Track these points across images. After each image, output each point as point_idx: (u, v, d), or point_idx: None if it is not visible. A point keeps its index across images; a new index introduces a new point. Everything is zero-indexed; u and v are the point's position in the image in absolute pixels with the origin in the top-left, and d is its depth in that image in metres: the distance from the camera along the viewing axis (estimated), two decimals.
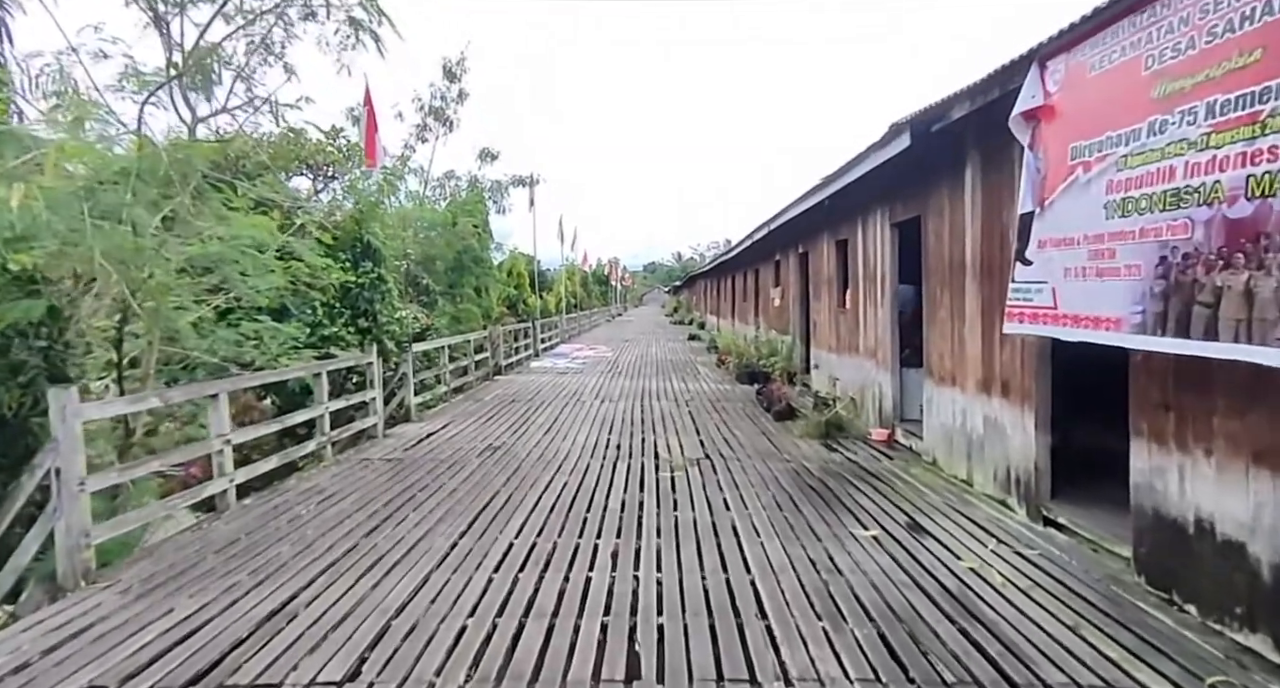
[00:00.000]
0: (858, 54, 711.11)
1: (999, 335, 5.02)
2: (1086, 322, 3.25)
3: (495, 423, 8.89)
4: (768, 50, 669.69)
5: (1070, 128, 3.33)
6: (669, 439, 7.74)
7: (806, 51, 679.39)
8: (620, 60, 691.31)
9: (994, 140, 4.99)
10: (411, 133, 17.96)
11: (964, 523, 4.68)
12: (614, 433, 8.16)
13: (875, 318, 7.98)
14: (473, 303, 18.97)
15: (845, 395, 8.70)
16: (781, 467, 6.37)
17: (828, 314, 10.35)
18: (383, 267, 11.19)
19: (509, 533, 4.58)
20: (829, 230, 10.04)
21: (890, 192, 7.29)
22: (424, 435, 7.99)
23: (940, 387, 6.15)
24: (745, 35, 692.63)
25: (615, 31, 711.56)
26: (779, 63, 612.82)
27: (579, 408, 10.05)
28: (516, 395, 11.47)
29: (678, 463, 6.50)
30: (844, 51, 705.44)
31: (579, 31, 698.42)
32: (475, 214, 18.97)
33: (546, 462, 6.67)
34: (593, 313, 42.67)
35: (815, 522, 4.75)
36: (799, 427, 8.14)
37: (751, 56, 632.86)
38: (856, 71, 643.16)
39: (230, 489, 5.03)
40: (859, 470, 6.22)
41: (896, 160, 6.05)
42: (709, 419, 9.00)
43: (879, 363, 7.86)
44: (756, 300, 18.17)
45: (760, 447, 7.27)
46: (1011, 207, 4.80)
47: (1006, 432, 4.95)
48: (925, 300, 6.48)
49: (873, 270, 8.04)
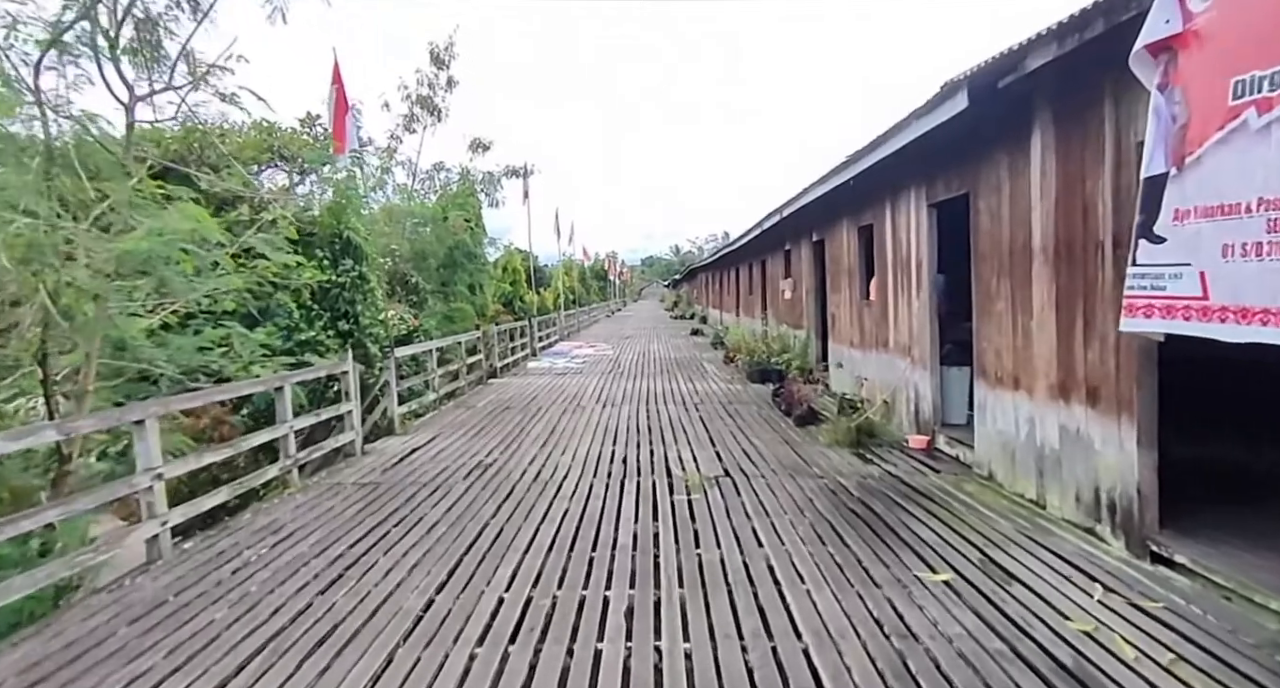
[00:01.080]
0: (855, 49, 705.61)
1: (1082, 331, 4.19)
2: (1261, 316, 2.42)
3: (487, 435, 8.06)
4: (765, 43, 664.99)
5: (1230, 56, 2.49)
6: (681, 451, 6.91)
7: (805, 44, 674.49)
8: (617, 54, 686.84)
9: (1076, 94, 4.14)
10: (398, 123, 17.07)
11: (1050, 559, 3.86)
12: (619, 444, 7.33)
13: (909, 310, 7.15)
14: (466, 301, 18.13)
15: (874, 397, 7.86)
16: (814, 485, 5.55)
17: (849, 307, 9.51)
18: (365, 264, 10.35)
19: (498, 584, 3.76)
20: (850, 215, 9.18)
21: (928, 168, 6.44)
22: (407, 452, 7.16)
23: (997, 390, 5.31)
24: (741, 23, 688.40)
25: (611, 20, 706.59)
26: (775, 61, 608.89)
27: (579, 415, 9.22)
28: (512, 401, 10.63)
29: (694, 482, 5.68)
30: (845, 44, 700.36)
31: (573, 20, 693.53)
32: (467, 207, 18.10)
33: (544, 483, 5.84)
34: (591, 309, 41.82)
35: (869, 561, 3.92)
36: (825, 433, 7.31)
37: (748, 52, 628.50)
38: (856, 73, 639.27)
39: (163, 534, 4.19)
40: (904, 488, 5.39)
41: (940, 130, 5.21)
42: (723, 425, 8.17)
43: (914, 361, 7.02)
44: (764, 293, 17.32)
45: (785, 459, 6.44)
46: (1098, 175, 3.95)
47: (1094, 446, 4.12)
48: (976, 291, 5.64)
49: (905, 257, 7.20)
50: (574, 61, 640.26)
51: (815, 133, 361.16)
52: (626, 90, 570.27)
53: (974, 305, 5.69)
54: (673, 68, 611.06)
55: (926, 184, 6.56)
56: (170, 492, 4.47)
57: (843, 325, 9.83)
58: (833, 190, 8.67)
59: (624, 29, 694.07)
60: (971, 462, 5.82)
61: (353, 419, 6.90)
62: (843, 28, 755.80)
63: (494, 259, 24.60)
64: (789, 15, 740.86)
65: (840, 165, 7.64)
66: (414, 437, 7.97)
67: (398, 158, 17.60)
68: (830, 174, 8.16)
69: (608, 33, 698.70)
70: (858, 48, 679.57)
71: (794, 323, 13.23)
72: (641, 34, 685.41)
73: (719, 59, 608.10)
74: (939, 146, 6.01)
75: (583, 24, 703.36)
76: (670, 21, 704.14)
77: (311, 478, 6.24)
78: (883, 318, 8.01)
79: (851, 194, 8.62)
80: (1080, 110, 4.12)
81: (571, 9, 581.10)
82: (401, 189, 17.76)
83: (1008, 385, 5.16)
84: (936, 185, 6.35)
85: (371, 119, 46.34)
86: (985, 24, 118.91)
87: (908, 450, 6.71)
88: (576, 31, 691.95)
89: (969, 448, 5.94)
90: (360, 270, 10.17)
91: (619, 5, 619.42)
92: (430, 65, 16.68)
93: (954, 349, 6.83)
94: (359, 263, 10.20)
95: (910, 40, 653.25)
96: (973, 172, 5.59)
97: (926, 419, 6.80)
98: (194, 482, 6.75)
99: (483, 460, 6.72)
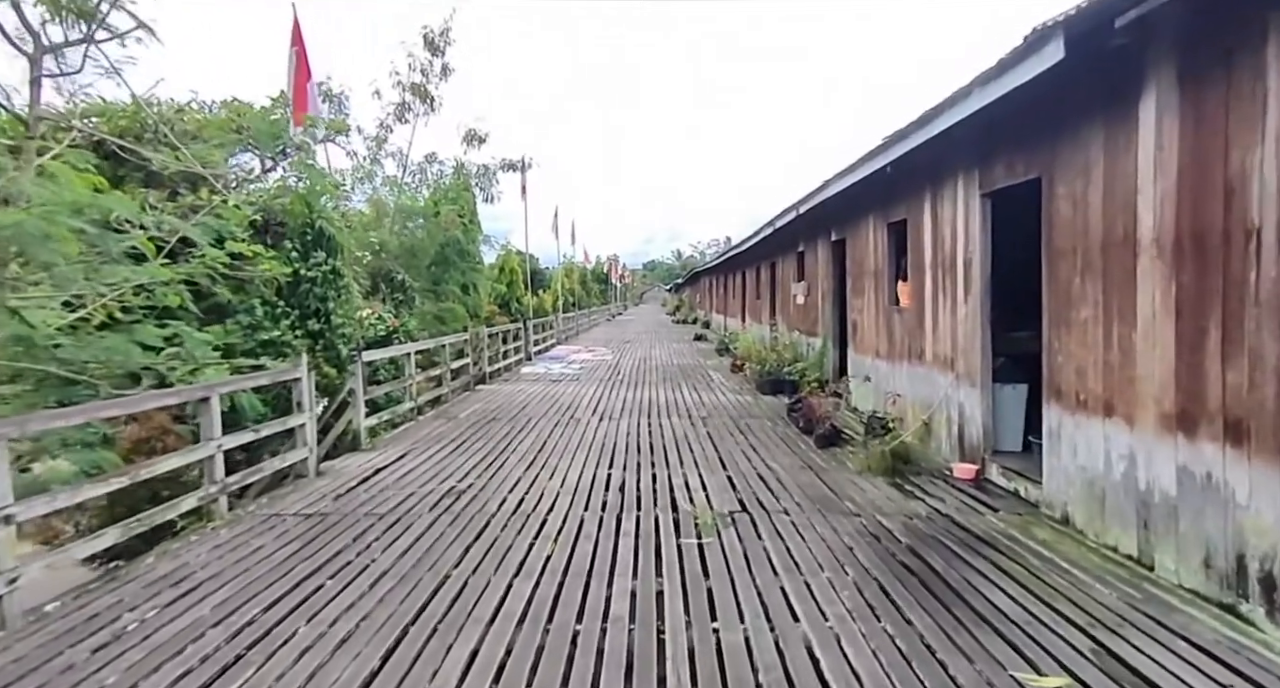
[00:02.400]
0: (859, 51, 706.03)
1: (1219, 346, 3.22)
2: None
3: (466, 451, 7.08)
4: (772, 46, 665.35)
5: None
6: (688, 476, 5.94)
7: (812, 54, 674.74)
8: (616, 56, 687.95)
9: (1216, 39, 3.18)
10: (389, 112, 16.15)
11: (1186, 652, 2.88)
12: (616, 466, 6.36)
13: (951, 318, 6.18)
14: (458, 301, 17.18)
15: (909, 417, 6.89)
16: (851, 526, 4.57)
17: (874, 313, 8.55)
18: (339, 257, 9.38)
19: (448, 677, 2.78)
20: (878, 210, 8.23)
21: (984, 150, 5.49)
22: (369, 472, 6.18)
23: (1078, 416, 4.34)
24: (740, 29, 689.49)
25: (611, 20, 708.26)
26: (775, 62, 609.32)
27: (572, 429, 8.25)
28: (499, 411, 9.66)
29: (705, 521, 4.70)
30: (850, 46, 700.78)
31: (572, 20, 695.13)
32: (460, 202, 17.15)
33: (524, 517, 4.87)
34: (591, 312, 40.87)
35: (944, 648, 2.94)
36: (854, 459, 6.33)
37: (748, 53, 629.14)
38: (856, 73, 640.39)
39: (8, 596, 3.19)
40: (961, 533, 4.42)
41: (1007, 101, 4.27)
42: (735, 445, 7.20)
43: (959, 376, 6.05)
44: (773, 297, 16.36)
45: (811, 489, 5.47)
46: (1252, 143, 3.00)
47: (1237, 498, 3.14)
48: (1050, 295, 4.68)
49: (949, 256, 6.24)
50: (574, 63, 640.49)
51: (815, 134, 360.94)
52: (628, 94, 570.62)
53: (1045, 313, 4.72)
54: (673, 70, 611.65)
55: (980, 170, 5.60)
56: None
57: (866, 334, 8.87)
58: (858, 183, 7.72)
59: (622, 30, 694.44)
60: (1038, 500, 4.85)
61: (306, 434, 5.92)
62: (843, 28, 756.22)
63: (490, 260, 23.69)
64: (789, 15, 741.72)
65: (875, 150, 6.68)
66: (381, 453, 6.98)
67: (388, 148, 16.68)
68: (861, 162, 7.20)
69: (607, 33, 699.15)
70: (858, 48, 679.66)
71: (807, 330, 12.26)
72: (640, 34, 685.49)
73: (719, 61, 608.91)
74: (1000, 124, 5.06)
75: (582, 24, 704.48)
76: (670, 22, 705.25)
77: (250, 506, 5.26)
78: (917, 326, 7.04)
79: (881, 186, 7.67)
80: (1223, 61, 3.16)
81: (571, 9, 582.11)
82: (391, 181, 16.82)
83: (1094, 411, 4.19)
84: (994, 171, 5.39)
85: (362, 108, 44.88)
86: (985, 24, 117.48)
87: (952, 481, 5.74)
88: (577, 32, 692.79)
89: (1032, 483, 4.96)
90: (334, 264, 9.21)
91: (618, 6, 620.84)
92: (424, 50, 15.77)
93: (1006, 363, 5.87)
94: (332, 256, 9.24)
95: (911, 40, 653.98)
96: (1047, 151, 4.63)
97: (974, 445, 5.82)
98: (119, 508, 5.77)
99: (456, 485, 5.74)
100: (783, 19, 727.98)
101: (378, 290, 13.68)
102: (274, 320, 8.88)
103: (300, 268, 9.01)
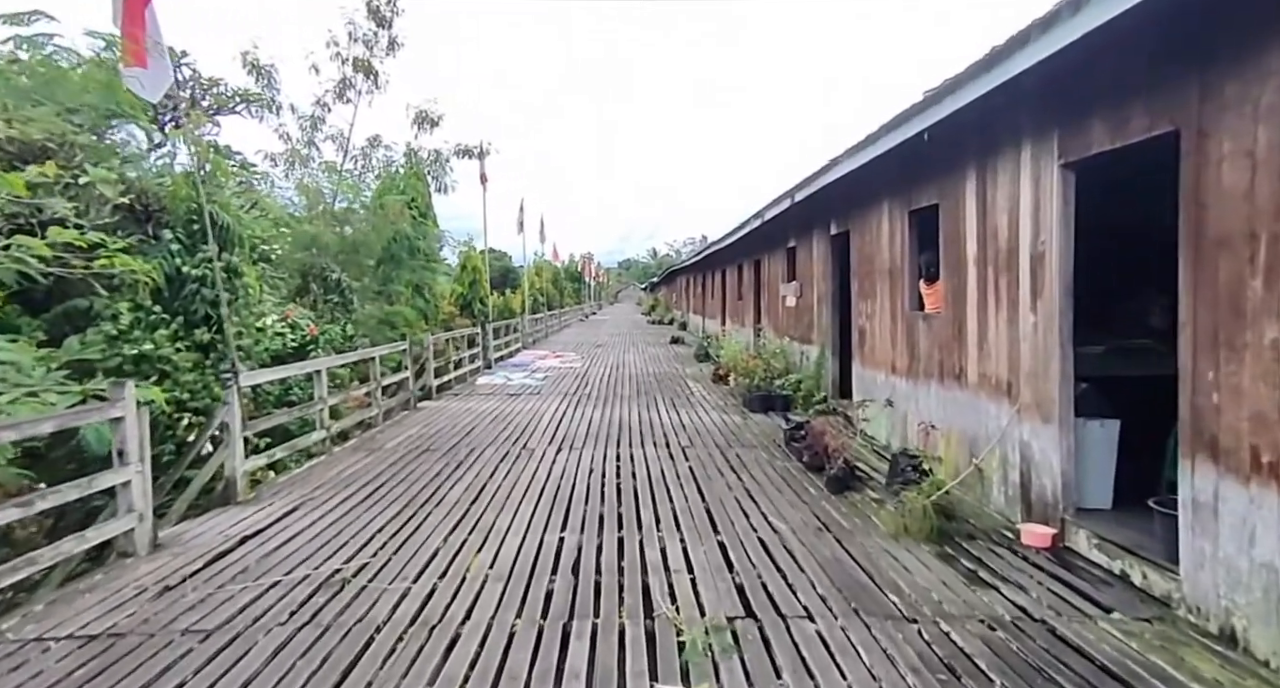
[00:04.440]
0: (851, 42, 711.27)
1: None
2: None
3: (377, 503, 5.42)
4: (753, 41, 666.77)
5: None
6: (667, 546, 4.39)
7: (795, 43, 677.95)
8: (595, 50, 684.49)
9: None
10: (326, 89, 14.28)
11: None
12: (570, 527, 4.79)
13: (1012, 329, 4.72)
14: (409, 304, 15.40)
15: (946, 452, 5.43)
16: (910, 647, 3.05)
17: (889, 320, 7.09)
18: (236, 252, 7.63)
19: None
20: (896, 196, 6.76)
21: (1078, 99, 4.00)
22: (231, 543, 4.50)
23: (1258, 484, 2.88)
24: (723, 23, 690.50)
25: (592, 9, 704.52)
26: (761, 62, 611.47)
27: (522, 464, 6.64)
28: (437, 437, 8.00)
29: (694, 639, 3.13)
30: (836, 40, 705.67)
31: (575, 15, 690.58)
32: (411, 193, 15.36)
33: (427, 629, 3.25)
34: (563, 312, 39.13)
35: None
36: (885, 515, 4.83)
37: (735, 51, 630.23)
38: (854, 73, 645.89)
39: None
40: (1075, 659, 2.93)
41: (1131, 18, 2.80)
42: (726, 489, 5.67)
43: (1022, 406, 4.59)
44: (758, 299, 14.91)
45: (838, 570, 3.95)
46: None
47: None
48: (1193, 300, 3.20)
49: (1004, 249, 4.78)
50: (567, 58, 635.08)
51: (813, 135, 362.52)
52: (618, 93, 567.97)
53: (1188, 328, 3.25)
54: (668, 68, 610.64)
55: (1063, 131, 4.13)
56: None
57: (878, 344, 7.41)
58: (875, 161, 6.25)
59: (616, 26, 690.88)
60: (1169, 596, 3.38)
61: (131, 495, 4.20)
62: (841, 27, 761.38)
63: (445, 255, 21.87)
64: (785, 14, 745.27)
65: (907, 113, 5.17)
66: (263, 507, 5.30)
67: (326, 130, 14.82)
68: (883, 132, 5.69)
69: (600, 28, 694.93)
70: (856, 48, 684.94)
71: (800, 336, 10.80)
72: (632, 30, 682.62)
73: (716, 59, 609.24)
74: (1102, 60, 3.59)
75: (576, 19, 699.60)
76: (667, 19, 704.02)
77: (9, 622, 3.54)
78: (954, 338, 5.59)
79: (900, 165, 6.21)
80: None
81: (566, 5, 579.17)
82: (329, 167, 14.97)
83: None
84: (1087, 131, 3.91)
85: (297, 83, 40.75)
86: (985, 24, 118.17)
87: (1019, 549, 4.27)
88: (570, 26, 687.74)
89: (1155, 567, 3.50)
90: (229, 260, 7.46)
91: (615, 4, 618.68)
92: (369, 19, 13.94)
93: (1090, 392, 4.42)
94: (228, 250, 7.49)
95: (909, 42, 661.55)
96: (1193, 91, 3.16)
97: (1046, 499, 4.36)
98: None
99: (343, 567, 4.08)
100: (778, 18, 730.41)
101: (308, 291, 11.87)
102: (149, 329, 7.11)
103: (184, 264, 7.25)
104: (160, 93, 4.96)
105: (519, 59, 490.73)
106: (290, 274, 11.79)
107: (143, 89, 4.83)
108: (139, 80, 4.66)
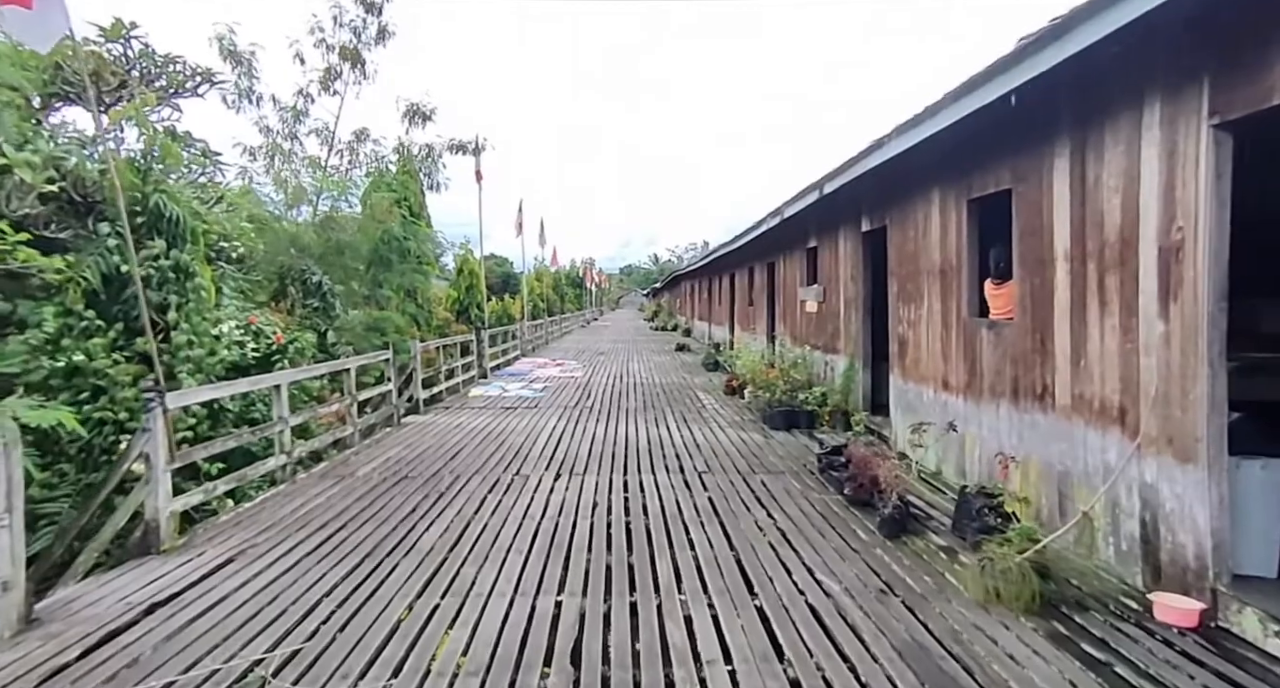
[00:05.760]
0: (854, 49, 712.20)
1: None
2: None
3: (333, 553, 4.43)
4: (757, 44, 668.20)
5: None
6: (695, 614, 3.40)
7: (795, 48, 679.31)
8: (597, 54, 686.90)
9: None
10: (310, 79, 13.36)
11: None
12: (569, 589, 3.79)
13: (1127, 339, 3.74)
14: (399, 309, 14.45)
15: (1027, 490, 4.43)
16: None
17: (940, 327, 6.11)
18: (186, 248, 6.68)
19: None
20: (953, 181, 5.79)
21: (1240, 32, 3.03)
22: (125, 620, 3.50)
23: None
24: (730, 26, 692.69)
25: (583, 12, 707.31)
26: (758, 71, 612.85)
27: (513, 498, 5.65)
28: (418, 461, 7.01)
29: None
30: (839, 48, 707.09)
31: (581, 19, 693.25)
32: (403, 189, 14.42)
33: None
34: (564, 318, 38.15)
35: None
36: (965, 573, 3.82)
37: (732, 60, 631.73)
38: (848, 90, 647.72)
39: None
40: None
41: None
42: (757, 531, 4.68)
43: (1144, 439, 3.60)
44: (772, 304, 13.93)
45: (918, 658, 2.95)
46: None
47: None
48: None
49: (1118, 239, 3.80)
50: (558, 62, 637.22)
51: (813, 137, 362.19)
52: (611, 94, 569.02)
53: None
54: (659, 72, 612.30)
55: (1214, 82, 3.16)
56: None
57: (925, 356, 6.42)
58: (922, 143, 5.28)
59: (618, 34, 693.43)
60: None
61: None
62: (848, 38, 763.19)
63: (446, 261, 20.97)
64: (782, 25, 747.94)
65: (992, 68, 4.16)
66: (189, 558, 4.30)
67: (310, 124, 13.91)
68: (955, 96, 4.69)
69: (605, 32, 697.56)
70: (856, 58, 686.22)
71: (824, 345, 9.82)
72: (620, 36, 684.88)
73: (703, 67, 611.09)
74: None
75: (582, 23, 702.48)
76: (668, 27, 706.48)
77: None
78: (1037, 349, 4.60)
79: (963, 143, 5.24)
80: None
81: (572, 7, 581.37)
82: (312, 161, 14.04)
83: None
84: (1268, 72, 2.94)
85: (279, 72, 37.30)
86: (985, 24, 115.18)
87: (1154, 628, 3.28)
88: (577, 29, 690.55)
89: None
90: (178, 258, 6.48)
91: (621, 8, 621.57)
92: (357, 5, 13.04)
93: (1245, 423, 3.43)
94: (177, 246, 6.52)
95: (904, 57, 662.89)
96: None
97: (1187, 563, 3.37)
98: None
99: (265, 658, 3.09)
100: (775, 28, 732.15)
101: (285, 294, 10.91)
102: (82, 337, 6.15)
103: (123, 263, 6.29)
104: (51, 42, 4.02)
105: (520, 62, 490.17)
106: (267, 277, 10.84)
107: (25, 34, 3.88)
108: (23, 24, 3.71)
